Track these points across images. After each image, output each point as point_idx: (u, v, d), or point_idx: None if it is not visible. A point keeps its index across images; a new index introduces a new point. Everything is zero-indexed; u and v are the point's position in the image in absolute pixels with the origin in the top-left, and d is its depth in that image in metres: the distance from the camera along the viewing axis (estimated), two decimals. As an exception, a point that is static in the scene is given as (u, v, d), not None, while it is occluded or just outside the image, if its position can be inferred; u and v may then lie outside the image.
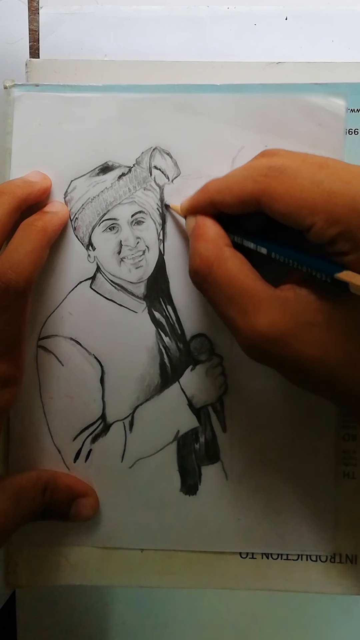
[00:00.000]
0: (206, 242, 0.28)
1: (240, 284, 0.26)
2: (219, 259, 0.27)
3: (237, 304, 0.26)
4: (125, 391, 0.33)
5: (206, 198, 0.29)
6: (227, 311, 0.27)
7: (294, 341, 0.25)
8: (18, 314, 0.29)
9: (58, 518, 0.32)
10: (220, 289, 0.27)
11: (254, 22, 0.36)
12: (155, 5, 0.36)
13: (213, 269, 0.27)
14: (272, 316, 0.25)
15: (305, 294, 0.26)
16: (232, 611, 0.41)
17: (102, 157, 0.32)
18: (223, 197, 0.28)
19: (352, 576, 0.32)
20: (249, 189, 0.27)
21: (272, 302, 0.26)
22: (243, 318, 0.26)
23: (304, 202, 0.25)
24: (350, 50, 0.36)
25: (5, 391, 0.30)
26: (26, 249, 0.29)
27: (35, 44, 0.37)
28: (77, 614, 0.41)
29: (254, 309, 0.26)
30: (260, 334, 0.25)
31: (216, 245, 0.28)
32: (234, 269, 0.27)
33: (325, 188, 0.25)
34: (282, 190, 0.25)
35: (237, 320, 0.26)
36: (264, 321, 0.25)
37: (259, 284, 0.26)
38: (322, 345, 0.25)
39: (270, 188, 0.26)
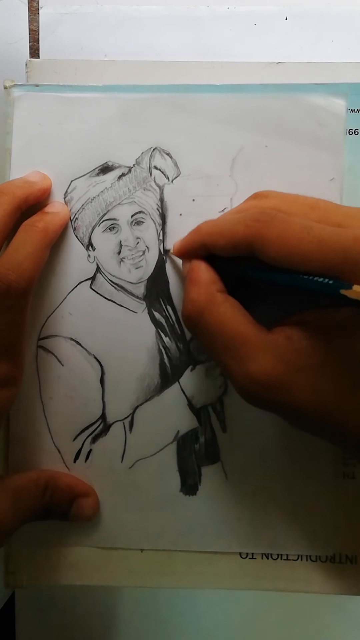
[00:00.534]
0: (198, 287, 0.28)
1: (232, 330, 0.26)
2: (210, 305, 0.27)
3: (229, 350, 0.26)
4: (125, 391, 0.33)
5: (199, 240, 0.29)
6: (221, 358, 0.26)
7: (288, 387, 0.25)
8: (19, 314, 0.29)
9: (58, 518, 0.32)
10: (212, 335, 0.27)
11: (254, 22, 0.36)
12: (155, 5, 0.36)
13: (205, 315, 0.27)
14: (265, 363, 0.25)
15: (297, 337, 0.25)
16: (232, 611, 0.41)
17: (102, 157, 0.32)
18: (215, 240, 0.28)
19: (352, 576, 0.32)
20: (240, 234, 0.26)
21: (265, 348, 0.25)
22: (236, 365, 0.26)
23: (295, 250, 0.25)
24: (350, 50, 0.36)
25: (5, 391, 0.30)
26: (27, 250, 0.29)
27: (35, 44, 0.37)
28: (76, 614, 0.41)
29: (247, 356, 0.25)
30: (255, 381, 0.25)
31: (208, 290, 0.28)
32: (225, 314, 0.27)
33: (316, 235, 0.24)
34: (273, 236, 0.25)
35: (231, 367, 0.26)
36: (258, 368, 0.25)
37: (251, 328, 0.26)
38: (316, 389, 0.25)
39: (262, 233, 0.25)
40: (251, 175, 0.32)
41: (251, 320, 0.27)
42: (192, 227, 0.32)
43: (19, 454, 0.33)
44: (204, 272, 0.28)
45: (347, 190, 0.32)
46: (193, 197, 0.32)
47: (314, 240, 0.24)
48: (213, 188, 0.32)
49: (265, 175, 0.32)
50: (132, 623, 0.41)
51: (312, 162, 0.32)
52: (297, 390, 0.25)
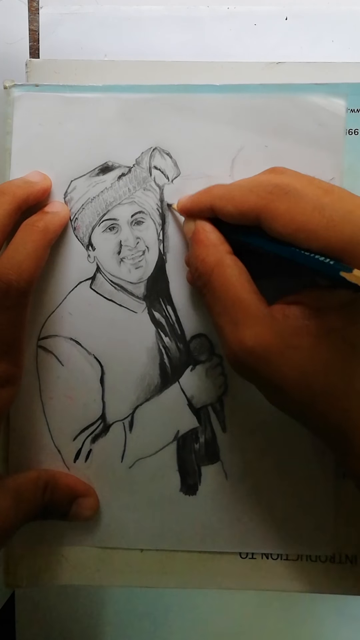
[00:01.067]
0: (207, 247, 0.28)
1: (236, 293, 0.26)
2: (219, 265, 0.27)
3: (229, 313, 0.26)
4: (125, 391, 0.33)
5: (207, 201, 0.29)
6: (219, 319, 0.27)
7: (276, 360, 0.25)
8: (19, 314, 0.29)
9: (58, 518, 0.32)
10: (216, 296, 0.27)
11: (254, 22, 0.36)
12: (155, 5, 0.36)
13: (213, 275, 0.27)
14: (259, 332, 0.25)
15: (293, 315, 0.26)
16: (231, 611, 0.41)
17: (102, 157, 0.32)
18: (224, 204, 0.28)
19: (352, 576, 0.32)
20: (251, 203, 0.27)
21: (262, 319, 0.26)
22: (232, 329, 0.26)
23: (303, 226, 0.25)
24: (350, 50, 0.36)
25: (5, 390, 0.30)
26: (28, 250, 0.29)
27: (35, 44, 0.37)
28: (76, 614, 0.41)
29: (243, 322, 0.26)
30: (246, 347, 0.25)
31: (218, 250, 0.28)
32: (232, 277, 0.27)
33: (326, 215, 0.25)
34: (283, 210, 0.25)
35: (225, 330, 0.26)
36: (251, 336, 0.25)
37: (253, 297, 0.26)
38: (303, 369, 0.25)
39: (272, 206, 0.26)
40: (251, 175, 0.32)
41: (255, 288, 0.27)
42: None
43: (19, 453, 0.33)
44: (212, 233, 0.29)
45: (347, 190, 0.32)
46: (193, 197, 0.32)
47: (323, 220, 0.25)
48: (213, 188, 0.32)
49: (265, 175, 0.32)
50: (132, 623, 0.41)
51: (312, 162, 0.32)
52: (285, 367, 0.25)
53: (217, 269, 0.27)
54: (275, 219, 0.26)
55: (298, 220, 0.25)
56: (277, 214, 0.26)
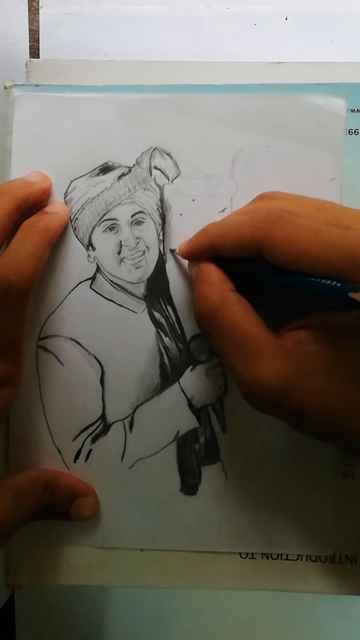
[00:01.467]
0: (211, 286, 0.28)
1: (244, 330, 0.26)
2: (223, 303, 0.27)
3: (240, 351, 0.26)
4: (125, 391, 0.33)
5: (206, 242, 0.29)
6: (230, 358, 0.26)
7: (296, 390, 0.25)
8: (19, 314, 0.29)
9: (58, 518, 0.32)
10: (224, 334, 0.27)
11: (254, 22, 0.36)
12: (155, 5, 0.36)
13: (218, 314, 0.27)
14: (274, 365, 0.25)
15: (305, 341, 0.25)
16: (231, 611, 0.41)
17: (102, 157, 0.32)
18: (222, 242, 0.28)
19: (352, 576, 0.32)
20: (248, 235, 0.26)
21: (275, 351, 0.25)
22: (246, 367, 0.26)
23: (303, 252, 0.24)
24: (350, 50, 0.36)
25: (5, 390, 0.30)
26: (28, 250, 0.29)
27: (35, 44, 0.37)
28: (76, 614, 0.41)
29: (256, 358, 0.25)
30: (263, 383, 0.25)
31: (221, 289, 0.28)
32: (238, 314, 0.27)
33: (324, 237, 0.24)
34: (281, 237, 0.25)
35: (239, 369, 0.26)
36: (267, 371, 0.25)
37: (261, 331, 0.26)
38: (324, 393, 0.25)
39: (269, 235, 0.25)
40: (251, 176, 0.32)
41: (262, 322, 0.27)
42: (192, 227, 0.32)
43: (19, 454, 0.33)
44: (214, 272, 0.28)
45: (347, 191, 0.32)
46: (193, 197, 0.32)
47: (322, 243, 0.24)
48: (213, 188, 0.32)
49: (265, 175, 0.32)
50: (132, 623, 0.41)
51: (312, 162, 0.32)
52: (305, 395, 0.25)
53: (222, 307, 0.27)
54: (275, 248, 0.25)
55: (297, 246, 0.25)
56: (276, 243, 0.25)
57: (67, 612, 0.41)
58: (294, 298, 0.29)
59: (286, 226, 0.25)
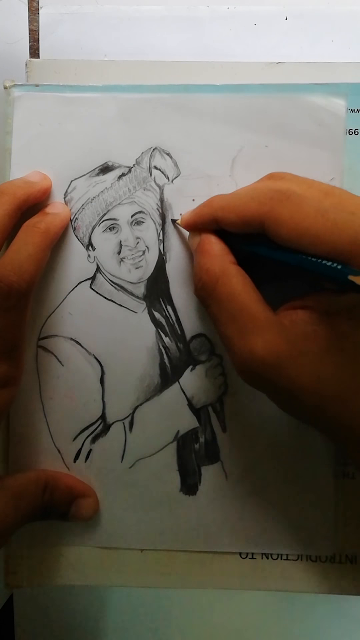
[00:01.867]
0: (212, 257, 0.28)
1: (242, 302, 0.26)
2: (224, 275, 0.27)
3: (236, 322, 0.26)
4: (125, 391, 0.33)
5: (210, 213, 0.29)
6: (226, 329, 0.27)
7: (288, 367, 0.25)
8: (19, 315, 0.29)
9: (58, 518, 0.32)
10: (222, 306, 0.27)
11: (254, 22, 0.36)
12: (155, 5, 0.36)
13: (218, 285, 0.27)
14: (269, 340, 0.25)
15: (302, 321, 0.26)
16: (231, 611, 0.41)
17: (102, 157, 0.32)
18: (227, 215, 0.28)
19: (352, 576, 0.32)
20: (253, 210, 0.26)
21: (271, 326, 0.26)
22: (240, 338, 0.26)
23: (307, 231, 0.25)
24: (350, 50, 0.36)
25: (5, 391, 0.30)
26: (29, 251, 0.29)
27: (35, 44, 0.37)
28: (76, 614, 0.41)
29: (252, 330, 0.26)
30: (256, 356, 0.25)
31: (222, 260, 0.28)
32: (238, 286, 0.27)
33: (330, 218, 0.25)
34: (287, 215, 0.25)
35: (234, 340, 0.26)
36: (261, 344, 0.25)
37: (260, 305, 0.26)
38: (315, 373, 0.25)
39: (275, 212, 0.26)
40: (251, 175, 0.32)
41: (260, 297, 0.27)
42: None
43: (19, 454, 0.33)
44: (216, 244, 0.29)
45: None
46: (193, 197, 0.32)
47: (327, 224, 0.24)
48: (213, 188, 0.32)
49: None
50: (132, 623, 0.41)
51: (312, 162, 0.32)
52: (296, 373, 0.25)
53: (222, 278, 0.27)
54: (279, 225, 0.25)
55: (302, 225, 0.25)
56: (281, 220, 0.25)
57: (67, 612, 0.41)
58: (293, 279, 0.29)
59: (292, 205, 0.25)
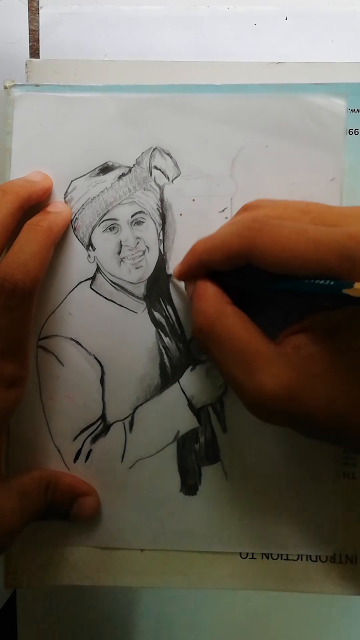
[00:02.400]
0: (207, 300, 0.28)
1: (243, 340, 0.26)
2: (221, 316, 0.27)
3: (240, 362, 0.26)
4: (125, 391, 0.33)
5: (195, 259, 0.29)
6: (231, 370, 0.26)
7: (300, 396, 0.25)
8: (25, 314, 0.29)
9: (59, 517, 0.32)
10: (223, 346, 0.26)
11: (254, 22, 0.36)
12: (155, 5, 0.36)
13: (216, 326, 0.27)
14: (276, 373, 0.25)
15: (304, 344, 0.25)
16: (231, 611, 0.41)
17: (102, 157, 0.32)
18: (211, 256, 0.28)
19: (352, 576, 0.32)
20: (235, 245, 0.26)
21: (275, 359, 0.25)
22: (248, 377, 0.25)
23: (292, 254, 0.24)
24: (350, 50, 0.36)
25: (12, 392, 0.29)
26: (32, 250, 0.29)
27: (35, 44, 0.37)
28: (77, 613, 0.41)
29: (258, 368, 0.25)
30: (267, 392, 0.25)
31: (218, 302, 0.28)
32: (236, 325, 0.27)
33: (311, 237, 0.24)
34: (268, 242, 0.25)
35: (241, 380, 0.26)
36: (269, 379, 0.25)
37: (261, 340, 0.26)
38: (328, 395, 0.24)
39: (256, 241, 0.25)
40: (251, 175, 0.32)
41: (260, 332, 0.27)
42: (192, 227, 0.32)
43: (19, 454, 0.33)
44: (210, 287, 0.28)
45: (347, 191, 0.32)
46: (193, 197, 0.32)
47: (309, 242, 0.24)
48: (213, 188, 0.32)
49: (265, 175, 0.32)
50: (132, 623, 0.41)
51: (312, 162, 0.32)
52: (309, 398, 0.24)
53: (219, 319, 0.27)
54: (263, 253, 0.25)
55: (286, 248, 0.24)
56: (263, 248, 0.25)
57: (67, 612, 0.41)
58: (291, 304, 0.29)
59: (272, 230, 0.25)
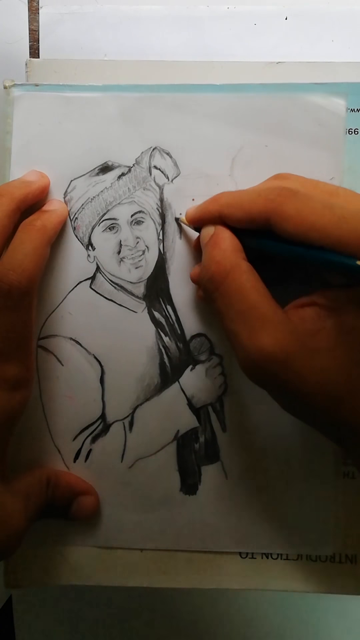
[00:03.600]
0: (224, 250, 0.28)
1: (252, 299, 0.26)
2: (235, 269, 0.27)
3: (244, 319, 0.26)
4: (125, 391, 0.33)
5: (216, 209, 0.29)
6: (233, 325, 0.26)
7: (296, 364, 0.24)
8: (24, 314, 0.29)
9: (59, 516, 0.32)
10: (230, 301, 0.26)
11: (254, 22, 0.36)
12: (155, 5, 0.36)
13: (228, 279, 0.27)
14: (278, 336, 0.25)
15: (310, 318, 0.26)
16: (231, 611, 0.41)
17: (102, 157, 0.32)
18: (233, 211, 0.28)
19: (352, 576, 0.32)
20: (260, 206, 0.26)
21: (280, 323, 0.25)
22: (248, 334, 0.25)
23: (314, 225, 0.25)
24: (350, 50, 0.36)
25: (18, 393, 0.29)
26: (26, 249, 0.29)
27: (35, 44, 0.37)
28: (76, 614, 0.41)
29: (261, 327, 0.25)
30: (264, 352, 0.25)
31: (234, 254, 0.28)
32: (248, 282, 0.26)
33: (337, 213, 0.24)
34: (293, 211, 0.25)
35: (241, 336, 0.26)
36: (270, 340, 0.25)
37: (269, 303, 0.26)
38: (324, 371, 0.24)
39: (282, 207, 0.26)
40: (251, 175, 0.32)
41: (269, 295, 0.27)
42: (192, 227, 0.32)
43: (19, 454, 0.33)
44: (229, 238, 0.28)
45: (347, 190, 0.32)
46: (193, 197, 0.32)
47: (333, 218, 0.24)
48: (213, 188, 0.32)
49: (265, 175, 0.32)
50: (132, 623, 0.41)
51: (312, 162, 0.32)
52: (305, 370, 0.24)
53: (233, 273, 0.27)
54: (286, 220, 0.25)
55: (309, 219, 0.25)
56: (288, 215, 0.25)
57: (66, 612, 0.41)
58: (299, 277, 0.29)
59: (299, 201, 0.25)
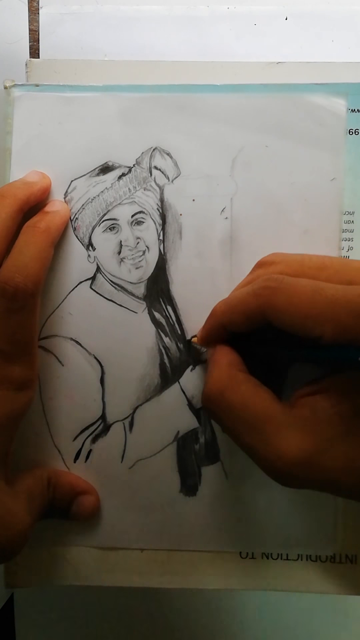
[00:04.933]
0: (219, 368, 0.28)
1: (256, 408, 0.26)
2: (232, 383, 0.27)
3: (255, 429, 0.25)
4: (125, 391, 0.33)
5: (216, 323, 0.29)
6: (245, 438, 0.26)
7: (320, 459, 0.24)
8: (29, 316, 0.29)
9: (59, 516, 0.32)
10: (235, 415, 0.26)
11: (254, 22, 0.36)
12: (155, 5, 0.36)
13: (226, 394, 0.26)
14: (294, 439, 0.25)
15: (321, 407, 0.25)
16: (231, 611, 0.41)
17: (102, 157, 0.32)
18: (230, 318, 0.28)
19: (352, 576, 0.32)
20: (252, 306, 0.26)
21: (292, 424, 0.25)
22: (264, 445, 0.25)
23: (308, 313, 0.24)
24: (350, 50, 0.36)
25: (23, 394, 0.29)
26: (31, 252, 0.29)
27: (35, 44, 0.37)
28: (76, 614, 0.41)
29: (274, 434, 0.25)
30: (285, 460, 0.24)
31: (229, 369, 0.27)
32: (248, 392, 0.26)
33: (327, 295, 0.24)
34: (284, 302, 0.25)
35: (257, 448, 0.25)
36: (287, 446, 0.24)
37: (274, 406, 0.26)
38: (346, 455, 0.24)
39: (272, 301, 0.25)
40: (251, 175, 0.32)
41: (273, 397, 0.26)
42: (192, 227, 0.32)
43: (19, 454, 0.33)
44: (225, 354, 0.28)
45: (347, 191, 0.32)
46: (193, 197, 0.32)
47: (326, 302, 0.24)
48: (213, 188, 0.32)
49: (265, 175, 0.32)
50: (132, 623, 0.41)
51: (312, 162, 0.32)
52: (329, 462, 0.24)
53: (230, 386, 0.27)
54: (279, 312, 0.25)
55: (300, 309, 0.24)
56: (280, 308, 0.25)
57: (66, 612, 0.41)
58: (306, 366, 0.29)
59: (287, 289, 0.25)
